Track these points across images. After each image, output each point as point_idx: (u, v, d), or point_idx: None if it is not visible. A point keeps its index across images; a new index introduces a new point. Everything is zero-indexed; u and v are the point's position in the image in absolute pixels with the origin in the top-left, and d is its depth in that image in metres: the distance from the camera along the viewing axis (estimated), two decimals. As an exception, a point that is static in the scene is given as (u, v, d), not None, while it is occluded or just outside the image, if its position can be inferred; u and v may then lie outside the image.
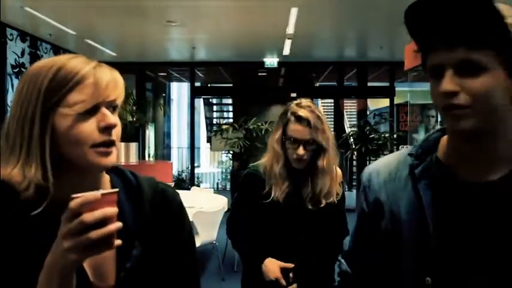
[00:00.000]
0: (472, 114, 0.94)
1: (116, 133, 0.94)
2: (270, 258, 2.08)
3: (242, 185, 2.26)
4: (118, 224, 0.80)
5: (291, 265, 2.07)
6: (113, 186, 1.03)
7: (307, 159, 2.10)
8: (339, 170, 2.22)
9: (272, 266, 2.05)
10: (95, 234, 0.78)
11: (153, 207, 1.03)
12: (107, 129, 0.92)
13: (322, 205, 2.13)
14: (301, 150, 2.06)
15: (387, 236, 1.11)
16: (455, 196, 1.02)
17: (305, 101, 2.13)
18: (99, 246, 0.80)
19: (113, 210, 0.80)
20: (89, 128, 0.91)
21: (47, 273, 0.83)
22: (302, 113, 2.07)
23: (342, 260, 1.29)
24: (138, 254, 0.98)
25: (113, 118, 0.93)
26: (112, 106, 0.94)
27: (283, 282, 2.03)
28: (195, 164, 11.48)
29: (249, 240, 2.18)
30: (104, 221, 0.79)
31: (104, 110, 0.92)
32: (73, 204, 0.79)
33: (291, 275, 2.06)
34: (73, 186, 0.92)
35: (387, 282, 1.13)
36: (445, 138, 1.08)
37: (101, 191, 0.81)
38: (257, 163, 2.24)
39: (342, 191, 2.21)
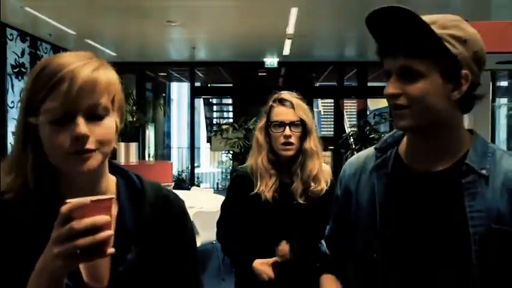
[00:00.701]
0: (411, 114, 1.08)
1: (97, 139, 0.89)
2: (257, 259, 2.03)
3: (231, 187, 2.22)
4: (108, 233, 0.78)
5: (277, 259, 2.03)
6: (118, 188, 1.02)
7: (296, 145, 2.06)
8: (327, 167, 2.17)
9: (263, 267, 2.02)
10: (82, 241, 0.76)
11: (154, 211, 1.02)
12: (78, 139, 0.87)
13: (313, 194, 2.06)
14: (288, 131, 2.03)
15: (353, 223, 1.25)
16: (405, 184, 1.17)
17: (285, 91, 2.18)
18: (89, 253, 0.78)
19: (104, 218, 0.78)
20: (61, 137, 0.87)
21: (37, 277, 0.82)
22: (284, 96, 2.13)
23: (323, 242, 1.45)
24: (132, 258, 0.96)
25: (83, 128, 0.86)
26: (94, 112, 0.89)
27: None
28: (195, 164, 11.48)
29: (238, 243, 2.13)
30: (94, 229, 0.77)
31: (77, 120, 0.87)
32: (63, 209, 0.77)
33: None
34: (72, 188, 0.93)
35: (358, 265, 1.26)
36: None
37: (92, 197, 0.79)
38: (245, 165, 2.19)
39: (330, 186, 2.08)
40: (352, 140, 10.16)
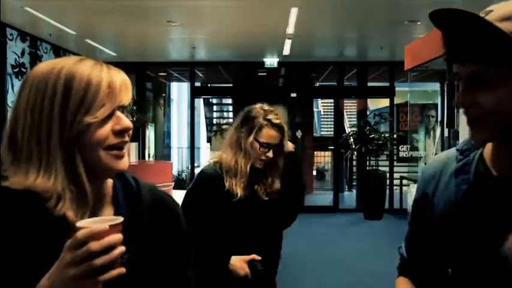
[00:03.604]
0: (487, 126, 0.94)
1: (128, 134, 0.97)
2: (233, 256, 2.19)
3: (200, 185, 2.27)
4: (121, 249, 0.81)
5: (256, 257, 2.21)
6: (114, 190, 1.03)
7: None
8: None
9: (240, 263, 2.18)
10: (99, 261, 0.79)
11: (150, 213, 1.04)
12: (123, 132, 0.94)
13: (274, 193, 2.29)
14: (271, 154, 2.24)
15: (427, 231, 1.14)
16: (488, 192, 1.01)
17: (267, 107, 2.32)
18: (104, 271, 0.80)
19: (118, 236, 0.81)
20: (105, 131, 0.92)
21: None
22: (277, 120, 2.27)
23: (403, 243, 1.34)
24: (127, 258, 0.96)
25: (128, 121, 0.95)
26: (122, 108, 0.96)
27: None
28: (195, 164, 11.47)
29: (211, 248, 2.20)
30: (109, 248, 0.80)
31: (118, 114, 0.94)
32: (80, 234, 0.79)
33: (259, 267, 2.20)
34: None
35: (433, 277, 1.14)
36: None
37: (108, 222, 0.82)
38: (212, 162, 2.31)
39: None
40: (352, 140, 10.17)
